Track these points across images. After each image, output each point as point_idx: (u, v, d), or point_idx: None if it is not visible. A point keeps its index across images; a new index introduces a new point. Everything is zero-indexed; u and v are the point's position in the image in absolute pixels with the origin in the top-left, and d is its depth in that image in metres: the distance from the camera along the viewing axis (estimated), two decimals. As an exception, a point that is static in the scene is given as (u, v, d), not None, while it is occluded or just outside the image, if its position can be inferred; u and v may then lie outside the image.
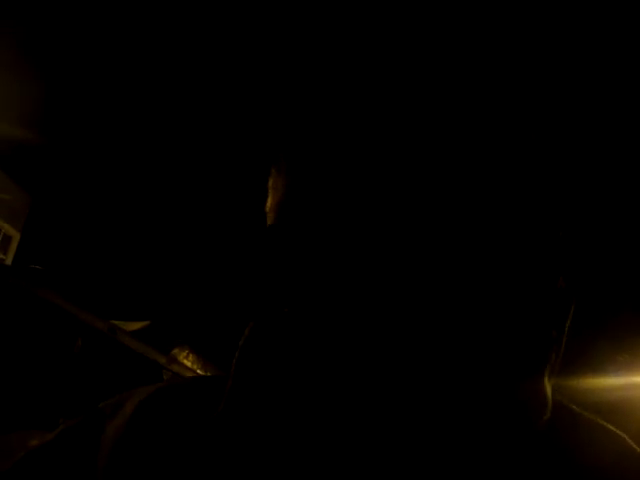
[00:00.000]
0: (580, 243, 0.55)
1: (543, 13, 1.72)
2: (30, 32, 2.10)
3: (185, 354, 3.67)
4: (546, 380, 0.50)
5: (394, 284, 0.47)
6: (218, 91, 2.29)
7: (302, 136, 0.49)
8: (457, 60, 0.52)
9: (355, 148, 0.47)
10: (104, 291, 3.19)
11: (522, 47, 1.80)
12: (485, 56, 0.53)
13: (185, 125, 2.55)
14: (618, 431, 0.55)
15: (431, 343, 0.46)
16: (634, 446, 0.54)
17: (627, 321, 2.92)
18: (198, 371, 3.92)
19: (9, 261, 3.11)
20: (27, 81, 2.45)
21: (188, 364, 3.73)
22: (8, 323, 2.46)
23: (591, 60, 1.87)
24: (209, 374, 4.04)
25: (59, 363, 2.71)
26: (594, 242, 2.51)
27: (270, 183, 0.54)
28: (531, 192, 0.49)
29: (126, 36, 2.09)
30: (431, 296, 0.47)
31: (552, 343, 0.51)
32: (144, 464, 0.51)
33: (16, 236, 3.11)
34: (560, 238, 0.51)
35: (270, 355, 0.50)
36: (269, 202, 0.53)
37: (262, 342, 0.52)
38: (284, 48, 1.79)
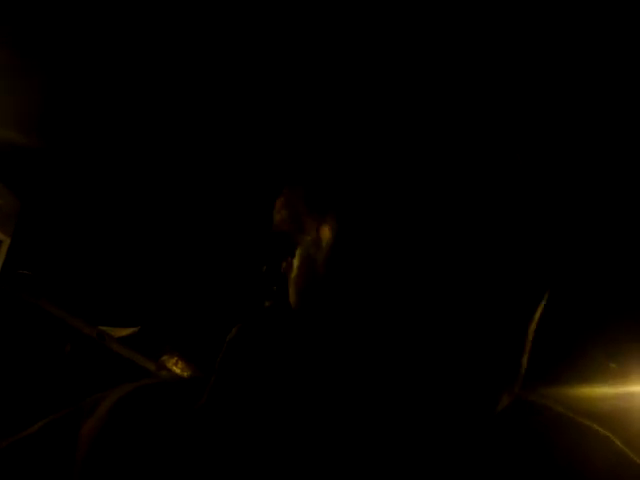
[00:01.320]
0: (562, 256, 0.56)
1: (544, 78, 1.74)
2: (19, 35, 2.10)
3: (174, 361, 3.65)
4: (513, 383, 0.51)
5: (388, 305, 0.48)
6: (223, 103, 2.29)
7: (356, 198, 0.52)
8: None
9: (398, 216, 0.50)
10: (93, 297, 3.18)
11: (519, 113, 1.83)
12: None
13: (177, 135, 2.55)
14: (609, 434, 0.55)
15: (410, 348, 0.47)
16: (624, 449, 0.55)
17: (620, 328, 2.92)
18: (187, 378, 3.90)
19: (-2, 266, 3.10)
20: (17, 84, 2.44)
21: (177, 371, 3.72)
22: (-4, 328, 2.45)
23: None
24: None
25: (47, 369, 2.70)
26: (585, 250, 2.52)
27: (279, 205, 0.56)
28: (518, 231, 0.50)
29: (126, 41, 2.09)
30: (417, 308, 0.48)
31: (520, 350, 0.52)
32: (122, 455, 0.51)
33: (6, 241, 3.09)
34: (540, 257, 0.52)
35: (256, 353, 0.52)
36: (277, 219, 0.56)
37: (248, 341, 0.53)
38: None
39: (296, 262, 0.54)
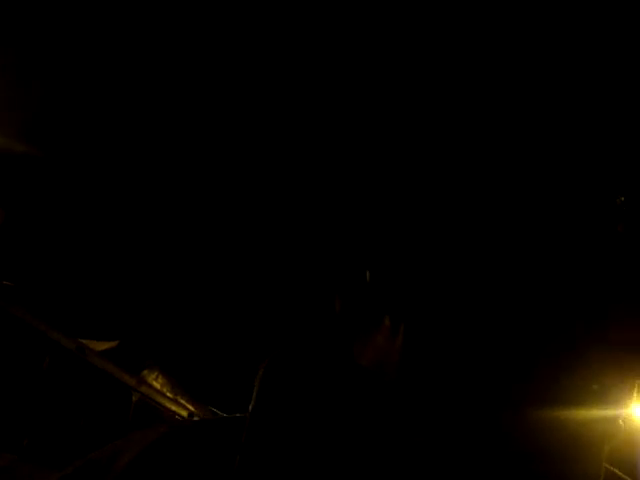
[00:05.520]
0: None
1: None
2: (7, 41, 2.09)
3: (154, 376, 3.63)
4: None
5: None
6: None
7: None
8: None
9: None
10: (74, 309, 3.16)
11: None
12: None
13: (170, 147, 2.54)
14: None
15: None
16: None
17: (604, 347, 2.93)
18: (167, 394, 3.87)
19: (-21, 277, 3.06)
20: (4, 93, 2.43)
21: (157, 386, 3.69)
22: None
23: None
24: (179, 397, 4.00)
25: (26, 382, 2.66)
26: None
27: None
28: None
29: (123, 50, 2.08)
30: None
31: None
32: None
33: (-13, 251, 3.07)
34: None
35: (292, 391, 0.51)
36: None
37: (282, 379, 0.52)
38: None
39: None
